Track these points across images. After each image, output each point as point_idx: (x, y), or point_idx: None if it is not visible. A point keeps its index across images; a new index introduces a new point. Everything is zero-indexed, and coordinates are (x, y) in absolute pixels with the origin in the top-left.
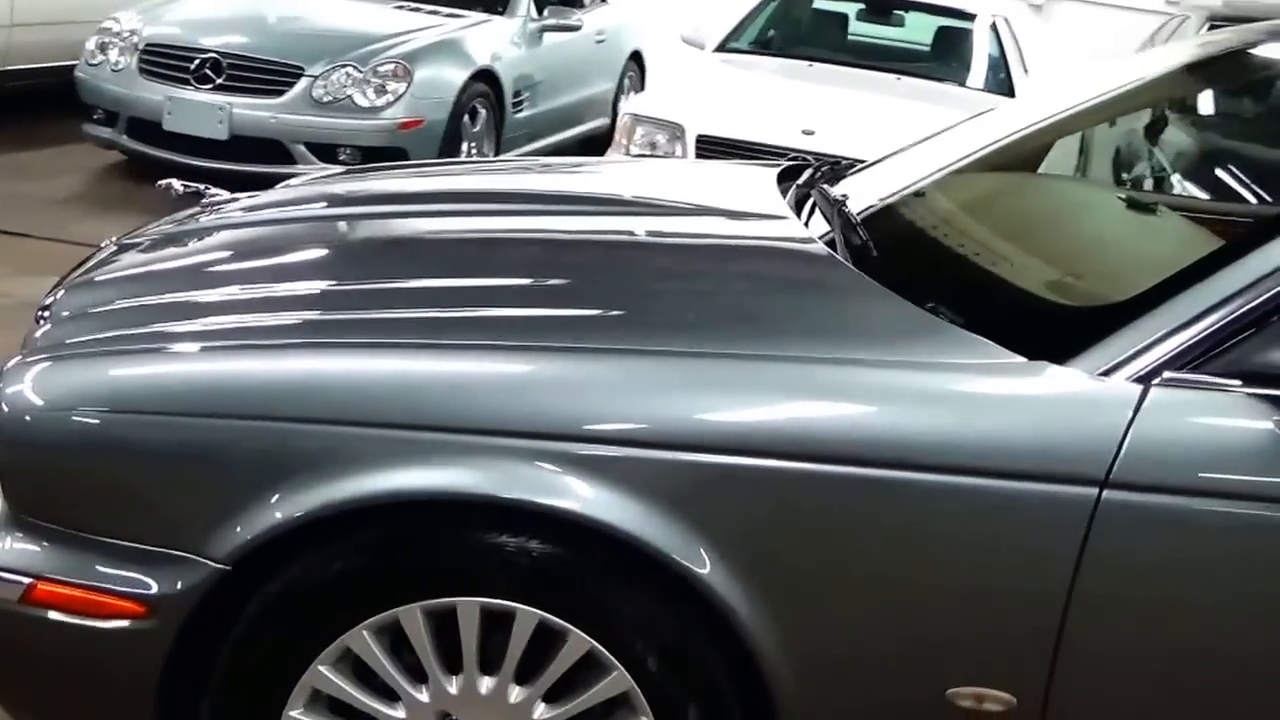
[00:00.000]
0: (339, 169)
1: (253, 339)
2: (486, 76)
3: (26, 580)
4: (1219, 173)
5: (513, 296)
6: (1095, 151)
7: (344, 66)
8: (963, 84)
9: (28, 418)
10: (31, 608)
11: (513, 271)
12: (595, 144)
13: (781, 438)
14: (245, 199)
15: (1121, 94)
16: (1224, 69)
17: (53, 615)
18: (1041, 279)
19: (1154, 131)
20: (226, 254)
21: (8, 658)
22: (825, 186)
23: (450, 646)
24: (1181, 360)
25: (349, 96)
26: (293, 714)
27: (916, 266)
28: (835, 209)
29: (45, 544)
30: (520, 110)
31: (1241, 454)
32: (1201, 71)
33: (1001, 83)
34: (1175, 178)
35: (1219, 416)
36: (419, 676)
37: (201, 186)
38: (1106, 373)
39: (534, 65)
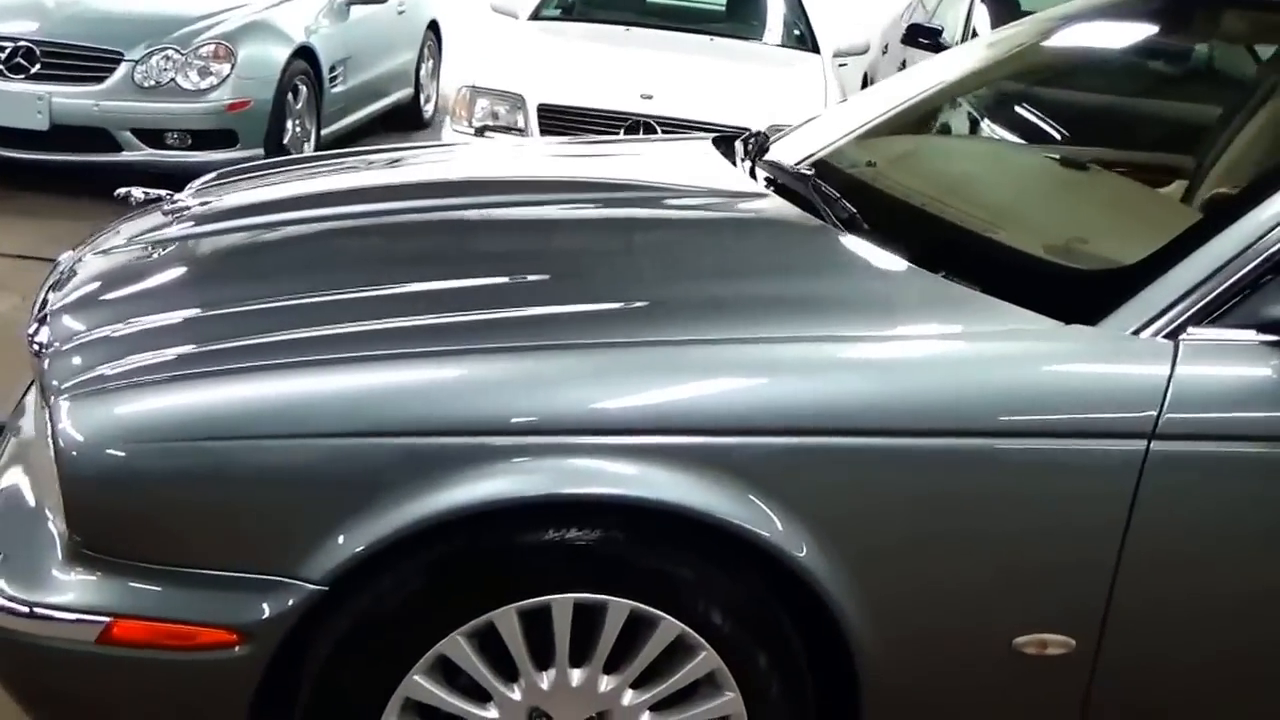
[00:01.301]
0: (280, 159)
1: (316, 353)
2: (305, 53)
3: (104, 620)
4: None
5: (562, 291)
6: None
7: (164, 50)
8: (768, 42)
9: (96, 454)
10: (110, 647)
11: (548, 265)
12: (399, 115)
13: (852, 414)
14: (201, 203)
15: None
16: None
17: (134, 653)
18: (1042, 243)
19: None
20: (227, 264)
21: (85, 702)
22: (783, 162)
23: (534, 644)
24: (1200, 316)
25: (173, 80)
26: None
27: (911, 236)
28: (809, 184)
29: (120, 580)
30: (336, 85)
31: (1263, 398)
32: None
33: (801, 39)
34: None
35: (1238, 365)
36: (506, 676)
37: (163, 193)
38: (1137, 331)
39: (345, 39)
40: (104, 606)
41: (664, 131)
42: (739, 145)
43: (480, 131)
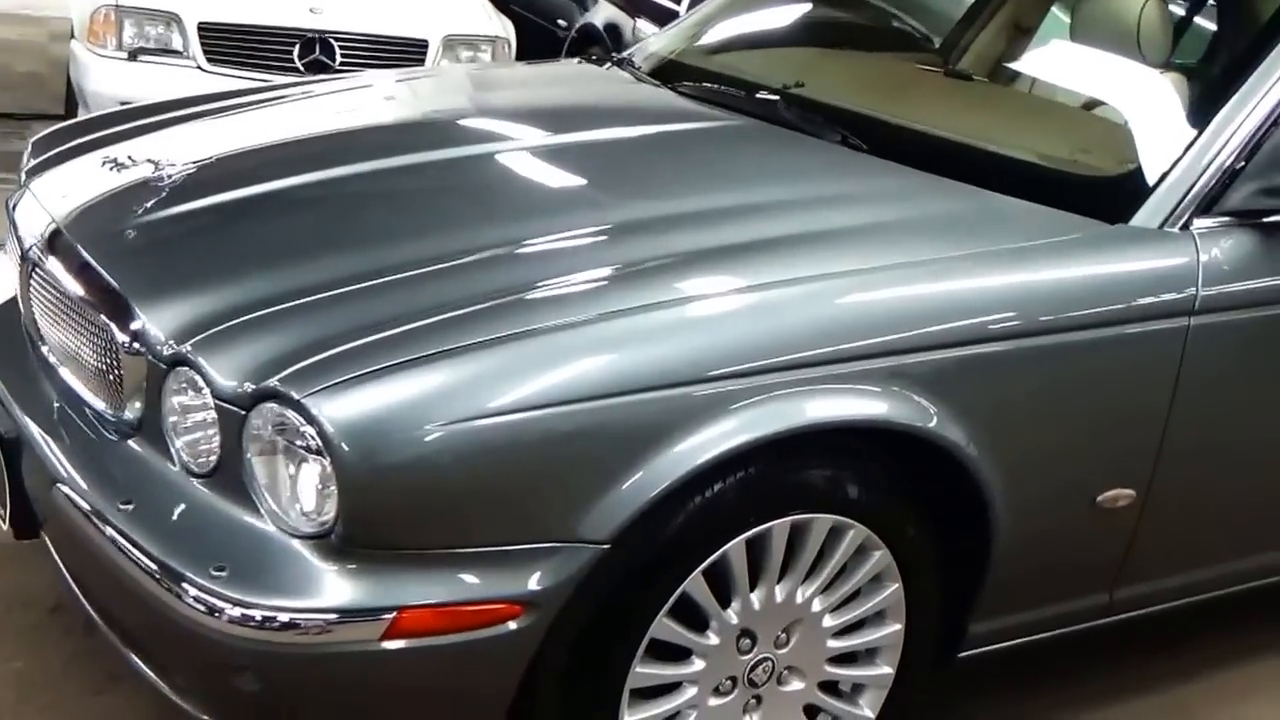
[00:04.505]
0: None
1: (544, 319)
2: None
3: (389, 614)
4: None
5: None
6: None
7: None
8: None
9: (376, 448)
10: (396, 640)
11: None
12: None
13: (985, 317)
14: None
15: None
16: None
17: (418, 643)
18: (1038, 152)
19: None
20: (344, 223)
21: (352, 705)
22: (719, 87)
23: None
24: (1199, 207)
25: None
26: (639, 670)
27: (918, 154)
28: (781, 106)
29: (399, 571)
30: None
31: (1262, 270)
32: None
33: None
34: None
35: (1239, 246)
36: (721, 603)
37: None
38: (1160, 225)
39: None
40: (387, 601)
41: (340, 47)
42: (634, 68)
43: (133, 56)
